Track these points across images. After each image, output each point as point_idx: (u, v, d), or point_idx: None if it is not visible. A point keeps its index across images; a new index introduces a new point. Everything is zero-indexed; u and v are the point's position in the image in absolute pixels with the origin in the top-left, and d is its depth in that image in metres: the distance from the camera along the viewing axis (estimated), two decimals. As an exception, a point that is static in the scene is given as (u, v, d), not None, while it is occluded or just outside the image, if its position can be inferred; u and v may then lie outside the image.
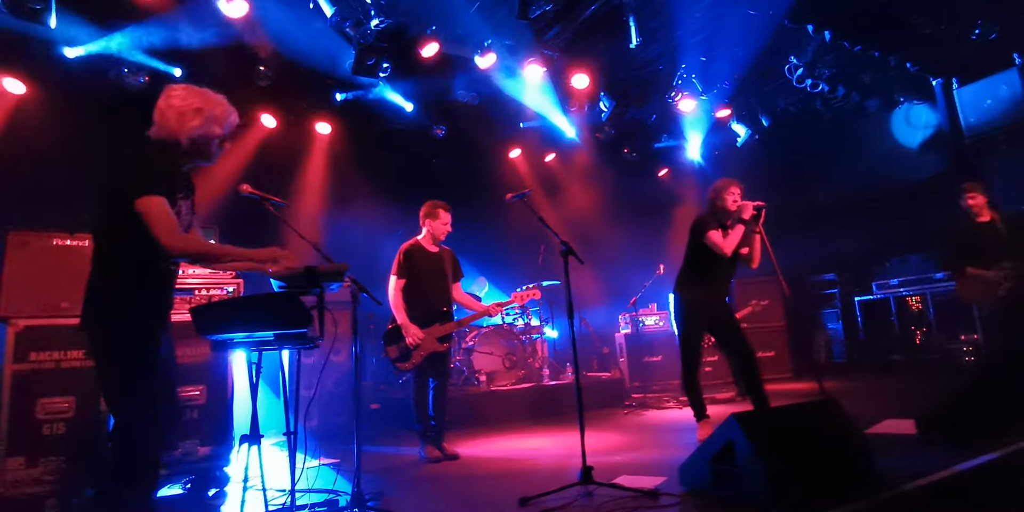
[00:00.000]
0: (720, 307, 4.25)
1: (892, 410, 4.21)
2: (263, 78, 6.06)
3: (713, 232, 4.08)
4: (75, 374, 3.05)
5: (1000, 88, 6.45)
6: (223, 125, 2.41)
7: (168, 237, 2.13)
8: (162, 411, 2.25)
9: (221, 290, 3.67)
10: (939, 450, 3.16)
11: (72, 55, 5.32)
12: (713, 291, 4.23)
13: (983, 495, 2.61)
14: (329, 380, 5.29)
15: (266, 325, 2.36)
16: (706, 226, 4.11)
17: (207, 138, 2.37)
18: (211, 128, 2.36)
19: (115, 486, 2.14)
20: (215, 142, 2.41)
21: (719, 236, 4.07)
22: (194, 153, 2.38)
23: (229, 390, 3.50)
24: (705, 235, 4.09)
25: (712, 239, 4.06)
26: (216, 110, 2.38)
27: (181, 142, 2.33)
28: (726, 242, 4.04)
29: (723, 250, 4.03)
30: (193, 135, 2.33)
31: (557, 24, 6.02)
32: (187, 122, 2.32)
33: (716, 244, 4.05)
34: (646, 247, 8.26)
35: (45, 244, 3.24)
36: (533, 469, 3.77)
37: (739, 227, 4.06)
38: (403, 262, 4.34)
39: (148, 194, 2.12)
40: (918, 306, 7.32)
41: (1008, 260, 4.36)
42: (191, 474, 3.32)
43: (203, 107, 2.35)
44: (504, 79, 6.74)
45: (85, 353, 3.05)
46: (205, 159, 2.43)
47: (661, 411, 5.84)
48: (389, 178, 7.31)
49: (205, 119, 2.35)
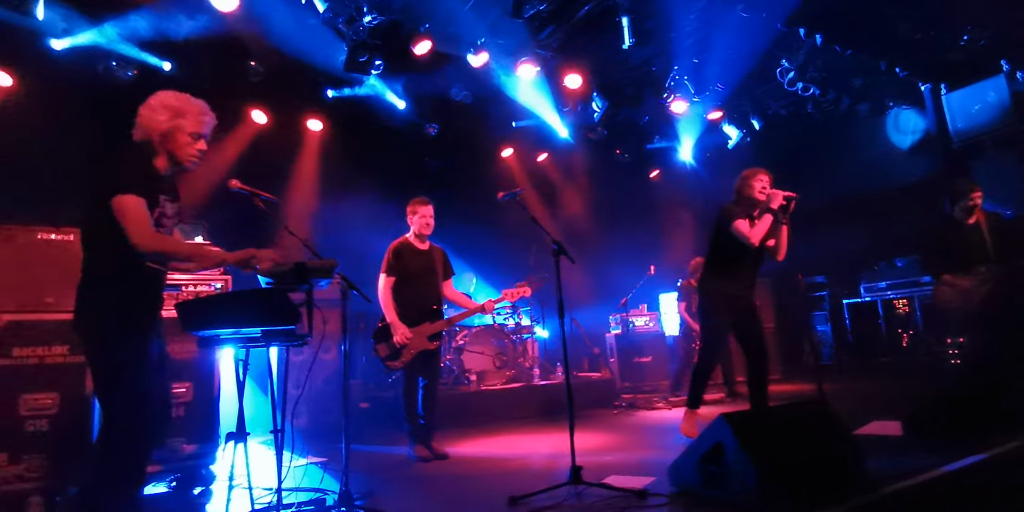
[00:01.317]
0: (745, 301, 4.10)
1: (879, 411, 4.23)
2: (254, 74, 6.01)
3: (740, 221, 3.92)
4: (59, 370, 3.00)
5: (988, 94, 6.53)
6: (194, 122, 2.39)
7: (138, 235, 2.16)
8: (153, 409, 2.23)
9: (209, 286, 3.63)
10: (925, 451, 3.18)
11: (59, 47, 5.25)
12: (739, 284, 4.08)
13: (969, 495, 2.63)
14: (318, 378, 5.26)
15: (254, 321, 2.34)
16: (733, 215, 3.95)
17: (174, 133, 2.36)
18: (178, 122, 2.36)
19: (101, 484, 2.12)
20: (186, 140, 2.38)
21: (746, 226, 3.91)
22: (166, 152, 2.38)
23: (216, 387, 3.46)
24: (731, 225, 3.92)
25: (739, 228, 3.90)
26: (187, 107, 2.39)
27: (153, 140, 2.35)
28: (753, 232, 3.87)
29: (750, 240, 3.86)
30: (162, 130, 2.34)
31: (551, 24, 6.02)
32: (156, 117, 2.34)
33: (743, 234, 3.88)
34: (637, 248, 8.28)
35: (30, 238, 3.20)
36: (522, 469, 3.76)
37: (767, 217, 3.90)
38: (392, 260, 4.31)
39: (122, 193, 2.16)
40: (905, 309, 7.40)
41: (987, 264, 4.37)
42: (176, 472, 3.28)
43: (174, 105, 2.37)
44: (497, 78, 6.74)
45: (70, 349, 3.01)
46: (179, 159, 2.41)
47: (651, 412, 5.85)
48: (381, 176, 7.27)
49: (174, 114, 2.36)
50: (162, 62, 5.76)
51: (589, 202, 9.08)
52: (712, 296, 4.12)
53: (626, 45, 5.86)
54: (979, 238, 4.47)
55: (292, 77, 6.44)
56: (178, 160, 2.41)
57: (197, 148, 2.43)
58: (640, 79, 7.29)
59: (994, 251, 4.41)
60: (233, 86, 6.23)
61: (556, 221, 8.47)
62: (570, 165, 8.93)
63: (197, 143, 2.42)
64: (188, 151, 2.40)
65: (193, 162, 2.44)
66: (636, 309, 7.54)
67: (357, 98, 6.92)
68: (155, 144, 2.36)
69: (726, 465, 2.66)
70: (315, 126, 7.28)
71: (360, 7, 5.37)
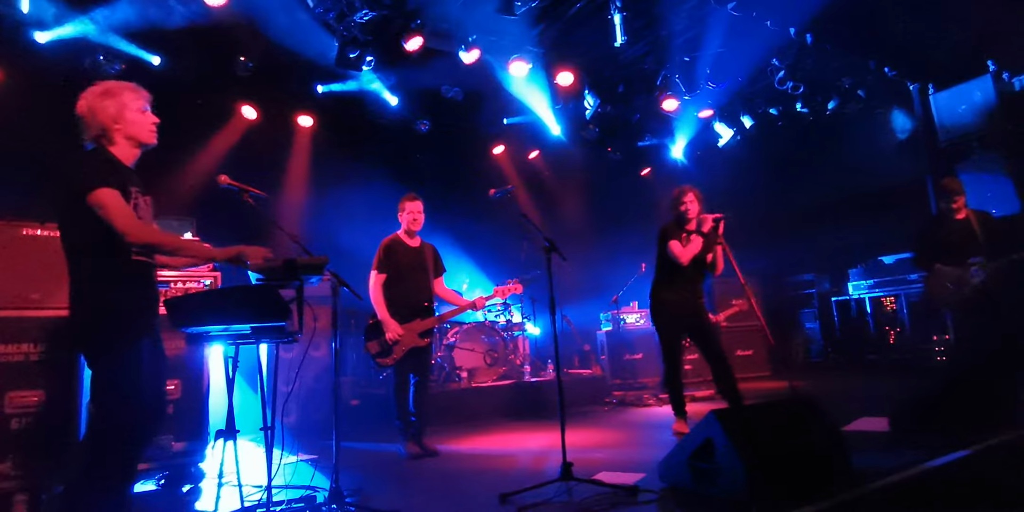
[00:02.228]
0: (693, 307, 4.38)
1: (866, 408, 4.28)
2: (244, 69, 5.95)
3: (673, 242, 4.32)
4: (45, 367, 2.97)
5: (974, 94, 6.60)
6: (134, 97, 2.36)
7: (126, 226, 2.13)
8: (147, 408, 2.22)
9: (198, 283, 3.60)
10: (911, 447, 3.22)
11: (44, 39, 5.16)
12: (683, 292, 4.39)
13: (954, 491, 2.67)
14: (308, 375, 5.23)
15: (243, 318, 2.32)
16: (668, 235, 4.36)
17: (123, 112, 2.32)
18: (122, 100, 2.32)
19: (90, 481, 2.10)
20: (136, 116, 2.35)
21: (679, 246, 4.30)
22: (124, 137, 2.34)
23: (205, 384, 3.44)
24: (667, 244, 4.33)
25: (672, 249, 4.31)
26: (119, 87, 2.35)
27: (108, 128, 2.31)
28: (684, 252, 4.27)
29: (680, 260, 4.26)
30: (111, 113, 2.30)
31: (543, 21, 6.01)
32: (100, 104, 2.30)
33: (675, 254, 4.29)
34: (628, 245, 8.30)
35: (15, 234, 3.15)
36: (513, 465, 3.77)
37: (696, 239, 4.29)
38: (383, 257, 4.30)
39: (97, 187, 2.12)
40: (892, 307, 7.47)
41: (979, 256, 4.46)
42: (165, 470, 3.26)
43: (110, 89, 2.34)
44: (489, 75, 6.72)
45: (55, 346, 2.97)
46: (139, 137, 2.37)
47: (641, 408, 5.88)
48: (371, 172, 7.24)
49: (113, 96, 2.32)
50: (150, 56, 5.69)
51: (580, 199, 9.09)
52: (661, 306, 4.44)
53: (618, 43, 5.87)
54: (969, 233, 4.58)
55: (282, 72, 6.39)
56: (139, 138, 2.36)
57: (151, 121, 2.39)
58: (632, 77, 7.30)
59: (985, 245, 4.50)
60: (222, 81, 6.18)
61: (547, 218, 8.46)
62: (562, 162, 8.93)
63: (147, 116, 2.39)
64: (145, 126, 2.37)
65: (154, 136, 2.40)
66: (627, 306, 7.57)
67: (348, 94, 6.87)
68: (111, 132, 2.31)
69: (715, 461, 2.68)
70: (305, 122, 7.23)
71: (351, 2, 5.33)
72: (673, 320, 4.39)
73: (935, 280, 4.66)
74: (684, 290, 4.39)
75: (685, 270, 4.33)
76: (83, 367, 3.00)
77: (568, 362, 7.63)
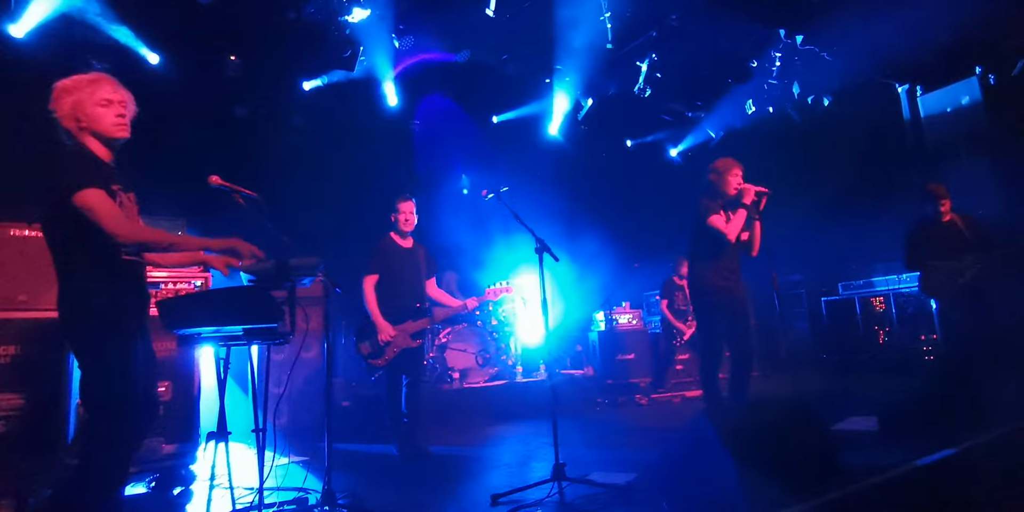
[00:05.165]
0: (743, 294, 3.98)
1: (856, 407, 4.31)
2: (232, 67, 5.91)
3: (715, 217, 3.88)
4: (31, 369, 2.93)
5: (961, 96, 6.68)
6: (92, 90, 2.27)
7: (114, 225, 2.11)
8: (138, 410, 2.20)
9: (189, 284, 3.57)
10: (900, 446, 3.25)
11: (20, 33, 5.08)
12: (732, 277, 3.97)
13: (942, 489, 2.69)
14: (299, 377, 5.19)
15: (235, 319, 2.31)
16: (709, 210, 3.91)
17: (83, 108, 2.25)
18: (78, 96, 2.25)
19: (81, 484, 2.08)
20: (98, 111, 2.26)
21: (722, 221, 3.88)
22: (91, 133, 2.27)
23: (196, 386, 3.41)
24: (707, 220, 3.89)
25: (715, 224, 3.86)
26: (77, 83, 2.28)
27: (72, 129, 2.25)
28: (729, 227, 3.84)
29: (727, 236, 3.83)
30: (68, 111, 2.24)
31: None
32: (58, 104, 2.25)
33: (719, 229, 3.84)
34: (621, 245, 8.31)
35: (2, 235, 3.11)
36: (506, 465, 3.77)
37: (741, 212, 3.86)
38: (376, 258, 4.29)
39: (82, 188, 2.09)
40: (882, 307, 7.54)
41: (968, 253, 4.54)
42: (155, 472, 3.23)
43: (66, 86, 2.27)
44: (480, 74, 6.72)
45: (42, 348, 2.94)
46: (105, 132, 2.28)
47: (633, 408, 5.90)
48: (363, 172, 7.21)
49: (69, 94, 2.26)
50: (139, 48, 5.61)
51: (573, 199, 9.09)
52: (713, 298, 3.95)
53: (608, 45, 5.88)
54: (957, 235, 4.67)
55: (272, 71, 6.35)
56: (106, 133, 2.28)
57: (115, 113, 2.29)
58: (624, 75, 7.32)
59: (973, 245, 4.60)
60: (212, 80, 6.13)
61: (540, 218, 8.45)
62: (554, 161, 8.93)
63: (112, 108, 2.29)
64: (109, 119, 2.28)
65: (122, 128, 2.31)
66: (620, 306, 7.58)
67: (340, 92, 6.85)
68: (76, 132, 2.25)
69: (707, 460, 2.69)
70: (296, 120, 7.19)
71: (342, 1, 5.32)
72: (721, 308, 3.90)
73: (930, 274, 4.73)
74: (733, 274, 3.94)
75: (729, 250, 3.91)
76: (72, 369, 2.98)
77: (560, 362, 7.63)
